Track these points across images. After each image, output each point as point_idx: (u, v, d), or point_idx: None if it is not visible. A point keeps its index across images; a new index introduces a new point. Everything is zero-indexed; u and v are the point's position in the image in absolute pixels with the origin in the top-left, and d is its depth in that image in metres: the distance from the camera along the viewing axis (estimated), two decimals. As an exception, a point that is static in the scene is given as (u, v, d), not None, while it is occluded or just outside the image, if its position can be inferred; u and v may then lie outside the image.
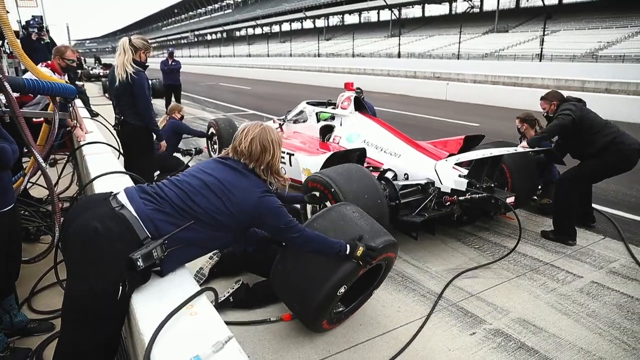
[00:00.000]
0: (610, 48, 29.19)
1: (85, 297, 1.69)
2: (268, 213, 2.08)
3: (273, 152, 2.16)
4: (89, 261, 1.70)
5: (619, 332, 2.79)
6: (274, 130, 2.23)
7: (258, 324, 2.82)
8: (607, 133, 3.96)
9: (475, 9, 48.82)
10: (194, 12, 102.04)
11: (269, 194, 2.11)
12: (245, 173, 2.10)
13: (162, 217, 1.82)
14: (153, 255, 1.69)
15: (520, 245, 3.82)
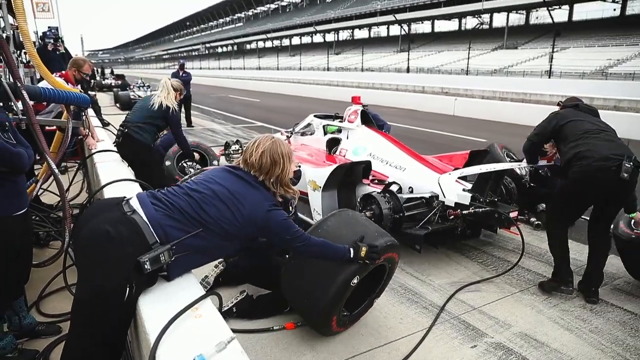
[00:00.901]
0: (620, 66, 29.17)
1: (93, 298, 1.74)
2: (275, 226, 2.12)
3: (283, 165, 2.17)
4: (98, 263, 1.76)
5: (621, 349, 2.79)
6: (285, 144, 2.26)
7: (261, 332, 2.86)
8: (578, 144, 3.24)
9: (484, 25, 49.09)
10: (205, 25, 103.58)
11: (276, 207, 2.14)
12: (255, 185, 2.13)
13: (171, 224, 1.86)
14: (160, 259, 1.74)
15: (524, 260, 3.83)
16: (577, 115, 3.44)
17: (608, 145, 3.15)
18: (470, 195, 3.73)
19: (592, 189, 3.18)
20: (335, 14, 56.22)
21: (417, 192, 4.12)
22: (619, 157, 3.03)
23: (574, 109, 3.51)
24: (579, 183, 3.20)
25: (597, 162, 3.07)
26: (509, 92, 21.23)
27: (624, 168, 2.98)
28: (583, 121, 3.36)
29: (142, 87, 17.43)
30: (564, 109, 3.58)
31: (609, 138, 3.23)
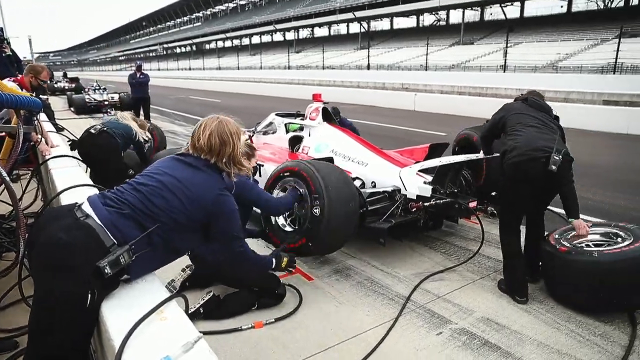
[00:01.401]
0: (568, 60, 30.46)
1: (54, 307, 1.69)
2: (223, 213, 2.05)
3: (233, 143, 2.09)
4: (55, 272, 1.69)
5: (574, 325, 2.95)
6: (232, 122, 2.16)
7: (229, 332, 2.85)
8: (513, 135, 3.30)
9: (441, 22, 50.20)
10: (162, 25, 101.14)
11: (228, 193, 2.08)
12: (205, 169, 2.04)
13: (125, 223, 1.80)
14: (120, 261, 1.69)
15: (484, 248, 3.98)
16: (522, 108, 3.47)
17: (541, 137, 3.18)
18: (431, 187, 3.83)
19: (523, 181, 3.17)
20: (295, 12, 56.10)
21: (379, 186, 4.19)
22: (548, 149, 3.07)
23: (522, 102, 3.54)
24: (511, 175, 3.22)
25: (528, 153, 3.11)
26: (466, 86, 21.83)
27: (552, 160, 3.01)
28: (525, 115, 3.38)
29: (97, 89, 16.87)
30: (514, 102, 3.63)
31: (545, 131, 3.25)
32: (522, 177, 3.17)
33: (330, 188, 3.30)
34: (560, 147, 3.09)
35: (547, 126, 3.31)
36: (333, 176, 3.43)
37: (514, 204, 3.34)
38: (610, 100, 15.55)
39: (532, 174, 3.12)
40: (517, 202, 3.31)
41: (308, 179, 3.41)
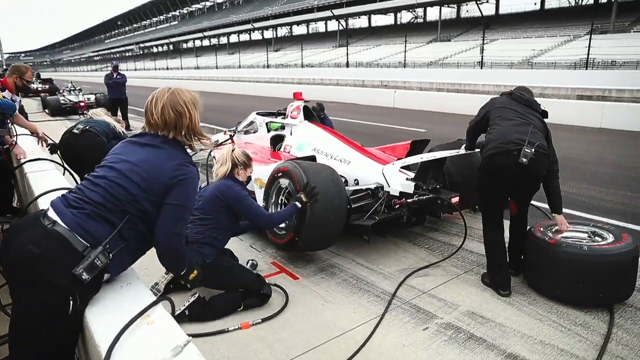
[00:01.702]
0: (543, 56, 31.10)
1: (35, 319, 1.64)
2: (183, 181, 1.84)
3: (189, 114, 1.95)
4: (31, 287, 1.64)
5: (556, 316, 3.01)
6: (186, 91, 2.02)
7: (216, 334, 2.83)
8: (491, 129, 3.33)
9: (419, 19, 50.70)
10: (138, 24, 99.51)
11: (192, 165, 1.92)
12: (164, 146, 1.90)
13: (91, 223, 1.71)
14: (97, 264, 1.64)
15: (467, 243, 4.02)
16: (505, 103, 3.45)
17: (515, 130, 3.17)
18: (413, 183, 3.87)
19: (497, 174, 3.19)
20: (273, 10, 55.86)
21: (362, 184, 4.21)
22: (521, 141, 3.07)
23: (507, 97, 3.51)
24: (486, 169, 3.24)
25: (501, 146, 3.12)
26: (445, 83, 22.09)
27: (522, 152, 3.01)
28: (507, 109, 3.37)
29: (72, 90, 16.50)
30: (500, 97, 3.60)
31: (521, 124, 3.22)
32: (495, 170, 3.19)
33: (316, 185, 3.37)
34: (533, 140, 3.09)
35: (525, 119, 3.28)
36: (321, 174, 3.50)
37: (490, 197, 3.36)
38: (583, 95, 15.91)
39: (504, 167, 3.13)
40: (494, 195, 3.33)
41: (293, 176, 3.47)
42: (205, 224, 3.12)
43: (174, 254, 1.95)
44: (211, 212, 3.14)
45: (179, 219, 1.87)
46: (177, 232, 1.88)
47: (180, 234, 1.90)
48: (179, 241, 1.91)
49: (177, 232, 1.88)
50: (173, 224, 1.86)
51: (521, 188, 3.29)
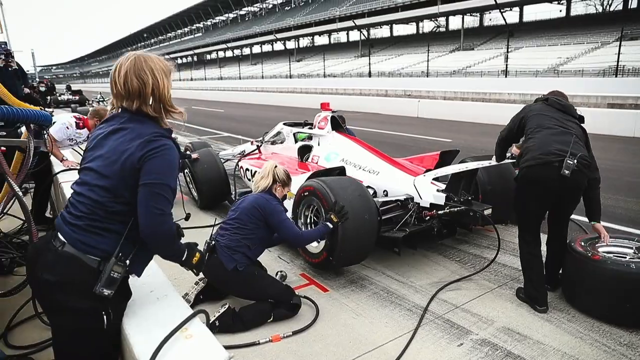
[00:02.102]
0: (570, 63, 30.54)
1: (73, 339, 1.66)
2: (152, 155, 1.63)
3: (157, 81, 1.71)
4: (58, 313, 1.65)
5: (598, 335, 2.88)
6: (155, 57, 1.79)
7: (247, 346, 2.80)
8: (530, 138, 3.20)
9: (441, 28, 50.50)
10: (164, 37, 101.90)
11: (165, 139, 1.69)
12: (129, 126, 1.70)
13: (90, 236, 1.63)
14: (115, 277, 1.60)
15: (500, 256, 3.91)
16: (542, 109, 3.32)
17: (556, 140, 3.05)
18: (444, 195, 3.79)
19: (536, 185, 3.08)
20: (295, 21, 56.47)
21: (391, 195, 4.15)
22: (562, 152, 2.96)
23: (543, 103, 3.38)
24: (525, 180, 3.13)
25: (541, 157, 3.00)
26: (469, 92, 21.88)
27: (565, 164, 2.91)
28: (544, 116, 3.24)
29: (101, 101, 16.95)
30: (534, 103, 3.47)
31: (561, 133, 3.11)
32: (534, 182, 3.08)
33: (344, 203, 3.36)
34: (576, 151, 2.98)
35: (565, 128, 3.15)
36: (348, 190, 3.47)
37: (528, 210, 3.23)
38: (614, 104, 15.52)
39: (545, 179, 3.01)
40: (532, 208, 3.20)
41: (319, 194, 3.49)
42: (241, 233, 3.14)
43: (162, 236, 1.69)
44: (248, 223, 3.16)
45: (157, 197, 1.62)
46: (157, 212, 1.63)
47: (162, 212, 1.65)
48: (162, 221, 1.65)
49: (158, 211, 1.63)
50: (150, 204, 1.62)
51: (562, 201, 3.16)
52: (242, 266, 3.05)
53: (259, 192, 3.30)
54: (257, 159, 5.83)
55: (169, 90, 1.77)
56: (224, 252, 3.06)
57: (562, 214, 3.31)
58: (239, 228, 3.15)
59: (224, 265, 3.03)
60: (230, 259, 3.04)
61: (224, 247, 3.08)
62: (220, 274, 3.08)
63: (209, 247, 3.12)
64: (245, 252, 3.10)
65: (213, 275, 3.17)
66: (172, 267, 3.82)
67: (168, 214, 1.67)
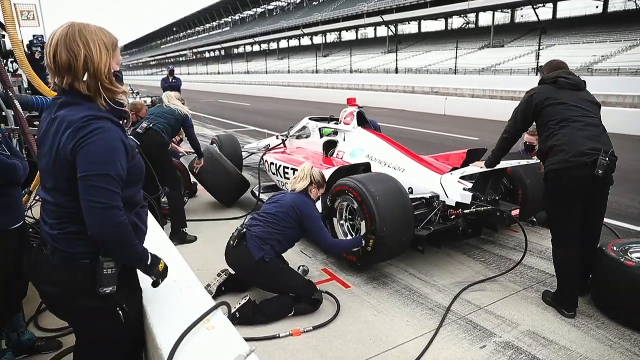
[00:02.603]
0: (605, 61, 29.51)
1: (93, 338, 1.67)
2: (84, 143, 1.42)
3: (91, 55, 1.48)
4: (75, 314, 1.65)
5: (629, 343, 2.78)
6: (96, 28, 1.54)
7: (267, 339, 2.81)
8: (554, 135, 2.97)
9: (470, 25, 49.46)
10: (192, 30, 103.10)
11: (98, 119, 1.47)
12: (59, 113, 1.50)
13: (71, 242, 1.54)
14: (109, 273, 1.53)
15: (527, 258, 3.82)
16: (556, 95, 3.06)
17: (586, 136, 2.89)
18: (471, 194, 3.72)
19: (569, 189, 2.94)
20: (322, 16, 56.26)
21: (416, 192, 4.09)
22: (595, 151, 2.82)
23: (552, 86, 3.12)
24: (555, 183, 2.98)
25: (573, 160, 2.84)
26: (498, 90, 21.41)
27: (599, 164, 2.79)
28: (564, 104, 3.02)
29: (131, 93, 17.27)
30: (542, 86, 3.19)
31: (589, 126, 2.94)
32: (567, 186, 2.93)
33: (386, 229, 3.34)
34: (607, 147, 2.87)
35: (589, 116, 2.97)
36: (395, 214, 3.42)
37: (561, 214, 3.07)
38: (651, 104, 14.93)
39: (579, 180, 2.87)
40: (565, 212, 3.04)
41: (368, 216, 3.42)
42: (274, 228, 3.16)
43: (112, 234, 1.48)
44: (283, 220, 3.19)
45: (95, 190, 1.42)
46: (100, 207, 1.43)
47: (105, 206, 1.44)
48: (108, 215, 1.45)
49: (100, 205, 1.43)
50: (90, 199, 1.43)
51: (593, 199, 3.03)
52: (268, 257, 3.07)
53: (296, 193, 3.31)
54: (282, 153, 5.84)
55: (109, 65, 1.54)
56: (253, 241, 3.08)
57: (594, 214, 3.14)
58: (273, 223, 3.18)
59: (252, 253, 3.06)
60: (258, 249, 3.06)
61: (255, 237, 3.11)
62: (246, 262, 3.10)
63: (239, 234, 3.15)
64: (274, 245, 3.12)
65: (238, 262, 3.19)
66: (197, 258, 3.89)
67: (114, 207, 1.46)
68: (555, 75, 3.15)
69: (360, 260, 3.61)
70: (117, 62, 1.60)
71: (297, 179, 3.34)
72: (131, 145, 1.58)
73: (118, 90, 1.58)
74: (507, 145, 3.47)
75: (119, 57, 1.62)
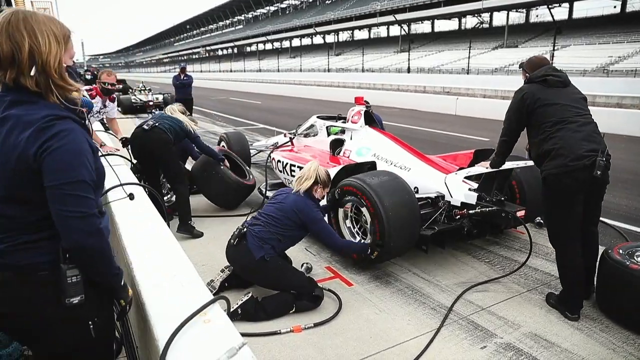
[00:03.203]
0: (621, 63, 29.07)
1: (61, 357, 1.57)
2: (49, 150, 1.29)
3: (38, 46, 1.32)
4: (33, 336, 1.48)
5: (633, 348, 2.75)
6: (44, 17, 1.39)
7: (268, 335, 2.84)
8: (550, 138, 2.95)
9: (484, 25, 49.06)
10: (205, 28, 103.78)
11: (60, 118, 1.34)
12: (12, 113, 1.34)
13: (23, 253, 1.39)
14: (73, 281, 1.40)
15: (531, 260, 3.80)
16: (547, 95, 3.03)
17: (582, 138, 2.88)
18: (476, 194, 3.70)
19: (568, 192, 2.92)
20: (335, 15, 56.24)
21: (422, 192, 4.09)
22: (593, 153, 2.82)
23: (541, 85, 3.07)
24: (553, 187, 2.97)
25: (572, 164, 2.83)
26: (510, 90, 21.10)
27: (597, 165, 2.77)
28: (555, 105, 2.99)
29: (143, 90, 17.45)
30: (530, 85, 3.13)
31: (584, 126, 2.93)
32: (566, 190, 2.92)
33: (393, 233, 3.38)
34: (603, 147, 2.85)
35: (583, 116, 2.97)
36: (402, 214, 3.44)
37: (561, 217, 3.04)
38: (668, 106, 14.69)
39: (578, 182, 2.86)
40: (565, 215, 3.01)
41: (378, 230, 3.45)
42: (274, 228, 3.18)
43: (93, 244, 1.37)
44: (283, 223, 3.20)
45: (68, 199, 1.31)
46: (76, 216, 1.32)
47: (81, 215, 1.33)
48: (87, 224, 1.34)
49: (76, 214, 1.32)
50: (63, 210, 1.31)
51: (590, 200, 3.01)
52: (269, 256, 3.09)
53: (299, 194, 3.29)
54: (289, 151, 5.87)
55: (60, 59, 1.37)
56: (254, 241, 3.11)
57: (592, 214, 3.11)
58: (273, 224, 3.19)
59: (252, 253, 3.08)
60: (259, 248, 3.08)
61: (255, 237, 3.13)
62: (246, 262, 3.13)
63: (240, 233, 3.18)
64: (274, 244, 3.15)
65: (239, 262, 3.22)
66: (202, 254, 3.94)
67: (92, 214, 1.36)
68: (543, 73, 3.11)
69: (360, 259, 3.67)
70: (71, 56, 1.46)
71: (302, 178, 3.34)
72: (94, 147, 1.45)
73: (71, 88, 1.42)
74: (507, 148, 3.42)
75: (72, 51, 1.47)
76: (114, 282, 1.55)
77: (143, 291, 1.78)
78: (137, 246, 2.14)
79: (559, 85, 3.08)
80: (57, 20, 1.41)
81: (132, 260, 1.97)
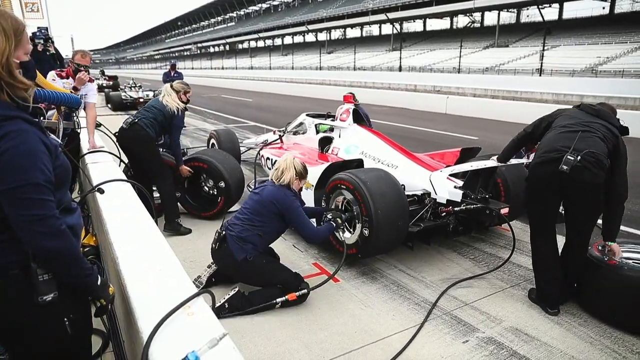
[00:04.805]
0: (609, 63, 29.39)
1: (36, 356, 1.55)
2: (7, 143, 1.25)
3: None
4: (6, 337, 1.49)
5: (610, 341, 2.83)
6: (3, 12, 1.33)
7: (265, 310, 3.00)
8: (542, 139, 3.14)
9: (476, 24, 49.31)
10: (197, 25, 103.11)
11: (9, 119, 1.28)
12: None
13: None
14: (45, 279, 1.38)
15: (515, 256, 3.87)
16: (570, 112, 3.18)
17: (564, 137, 2.93)
18: (461, 192, 3.76)
19: (538, 184, 3.01)
20: (327, 13, 56.18)
21: (409, 189, 4.13)
22: (565, 148, 2.83)
23: (576, 107, 3.24)
24: (529, 179, 3.10)
25: (544, 155, 2.93)
26: (500, 89, 21.41)
27: (564, 160, 2.78)
28: (568, 116, 3.11)
29: (133, 87, 17.36)
30: (572, 109, 3.29)
31: (574, 131, 2.94)
32: (537, 181, 3.03)
33: (380, 212, 3.41)
34: (582, 146, 2.80)
35: (584, 126, 2.96)
36: (387, 197, 3.49)
37: (534, 210, 3.17)
38: (654, 107, 14.91)
39: (545, 176, 2.94)
40: (538, 208, 3.13)
41: (361, 201, 3.49)
42: (253, 224, 3.20)
43: (55, 246, 1.34)
44: (262, 215, 3.22)
45: (23, 203, 1.27)
46: (34, 219, 1.28)
47: (39, 217, 1.29)
48: (49, 224, 1.31)
49: (33, 218, 1.28)
50: (19, 214, 1.28)
51: (569, 202, 3.03)
52: (251, 256, 3.12)
53: (277, 185, 3.31)
54: (278, 148, 5.90)
55: (8, 55, 1.29)
56: (234, 243, 3.13)
57: (575, 220, 3.11)
58: (253, 220, 3.20)
59: (234, 255, 3.12)
60: (240, 250, 3.11)
61: (235, 238, 3.15)
62: (230, 263, 3.18)
63: (219, 237, 3.21)
64: (255, 243, 3.17)
65: (223, 263, 3.27)
66: (190, 250, 3.95)
67: (51, 216, 1.32)
68: (590, 105, 3.19)
69: (360, 251, 3.62)
70: (26, 51, 1.38)
71: (279, 170, 3.32)
72: (54, 145, 1.39)
73: (22, 86, 1.32)
74: (520, 142, 3.53)
75: (27, 47, 1.39)
76: (89, 282, 1.51)
77: (128, 284, 1.81)
78: (124, 241, 2.16)
79: (588, 110, 3.14)
80: (8, 13, 1.33)
81: (118, 255, 2.00)
